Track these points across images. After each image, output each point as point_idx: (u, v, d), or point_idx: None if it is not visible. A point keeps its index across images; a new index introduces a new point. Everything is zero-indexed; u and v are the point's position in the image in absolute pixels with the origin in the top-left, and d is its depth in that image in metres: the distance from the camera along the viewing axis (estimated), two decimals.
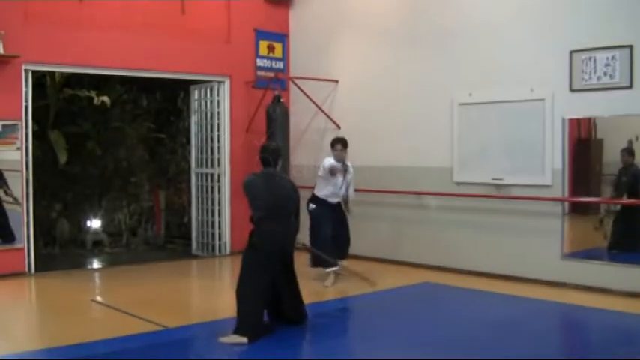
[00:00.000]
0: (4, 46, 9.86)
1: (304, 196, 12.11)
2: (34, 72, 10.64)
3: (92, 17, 10.96)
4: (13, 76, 10.18)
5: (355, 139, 11.74)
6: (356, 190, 10.35)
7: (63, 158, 12.11)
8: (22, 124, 10.28)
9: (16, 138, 10.26)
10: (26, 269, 10.40)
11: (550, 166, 9.40)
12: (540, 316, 8.00)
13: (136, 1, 11.40)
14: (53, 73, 11.93)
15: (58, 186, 13.35)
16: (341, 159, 9.76)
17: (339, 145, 9.75)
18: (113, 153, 14.09)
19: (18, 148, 10.28)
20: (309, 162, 12.49)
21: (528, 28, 9.66)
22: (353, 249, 11.60)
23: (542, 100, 9.44)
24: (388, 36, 11.51)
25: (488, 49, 10.09)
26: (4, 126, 10.16)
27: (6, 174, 10.25)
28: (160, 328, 7.29)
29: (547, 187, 9.42)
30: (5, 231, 10.31)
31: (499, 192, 9.91)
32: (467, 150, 10.34)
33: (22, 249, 10.36)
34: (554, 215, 9.39)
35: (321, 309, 8.26)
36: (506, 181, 9.82)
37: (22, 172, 10.32)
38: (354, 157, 11.75)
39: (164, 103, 14.63)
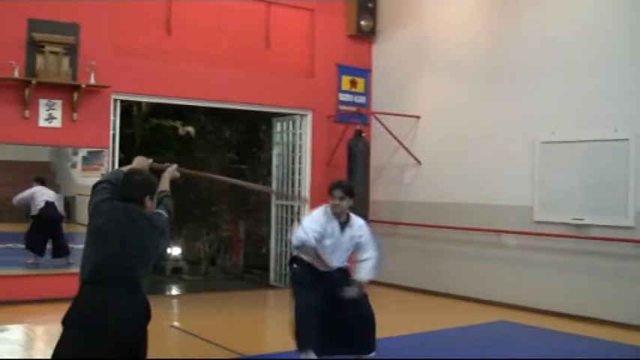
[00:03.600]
0: (94, 77, 10.34)
1: (380, 230, 12.28)
2: (121, 102, 11.14)
3: (179, 50, 11.45)
4: (102, 106, 10.70)
5: (436, 175, 11.95)
6: (432, 227, 10.31)
7: None
8: (109, 152, 10.74)
9: (101, 164, 10.73)
10: None
11: (633, 207, 9.37)
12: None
13: (222, 35, 11.80)
14: (140, 103, 12.41)
15: None
16: (339, 212, 6.84)
17: (339, 191, 6.80)
18: (194, 182, 14.49)
19: (102, 174, 10.71)
20: (388, 197, 12.71)
21: (612, 66, 9.70)
22: (429, 284, 11.69)
23: (627, 140, 9.45)
24: (470, 73, 11.68)
25: (571, 87, 10.15)
26: (89, 152, 10.63)
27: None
28: (236, 356, 7.54)
29: (630, 228, 9.38)
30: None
31: (579, 232, 9.90)
32: (548, 189, 10.36)
33: None
34: (637, 257, 9.34)
35: (394, 344, 8.31)
36: (586, 222, 9.80)
37: None
38: (434, 192, 11.89)
39: (246, 135, 15.00)
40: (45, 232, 11.29)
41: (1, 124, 9.96)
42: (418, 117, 12.40)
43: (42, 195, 11.27)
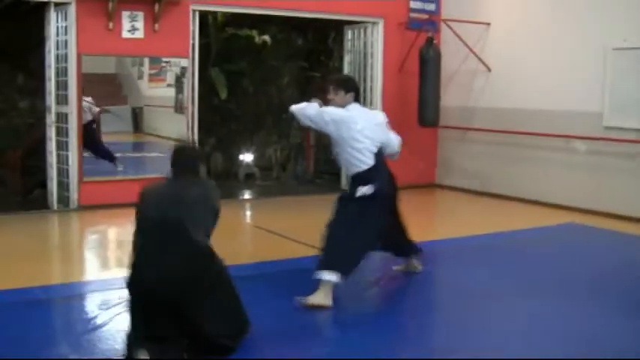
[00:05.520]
0: None
1: (451, 135, 12.74)
2: (199, 12, 11.60)
3: None
4: (182, 16, 11.22)
5: (505, 81, 12.26)
6: (502, 132, 10.60)
7: (223, 94, 13.15)
8: (189, 62, 11.31)
9: (164, 79, 11.28)
10: None
11: None
12: None
13: None
14: (215, 13, 12.89)
15: (212, 121, 14.30)
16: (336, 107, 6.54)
17: (331, 84, 6.68)
18: (266, 91, 15.00)
19: (169, 85, 11.25)
20: (459, 103, 13.12)
21: None
22: (499, 188, 12.12)
23: None
24: None
25: None
26: (156, 65, 11.19)
27: (159, 110, 11.27)
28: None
29: None
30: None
31: None
32: (618, 95, 10.60)
33: None
34: None
35: (461, 243, 8.93)
36: None
37: (188, 107, 11.39)
38: (504, 99, 12.21)
39: (315, 44, 15.36)
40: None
41: (87, 36, 10.55)
42: (488, 24, 12.66)
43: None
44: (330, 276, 6.19)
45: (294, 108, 6.62)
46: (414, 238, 7.28)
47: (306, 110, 6.48)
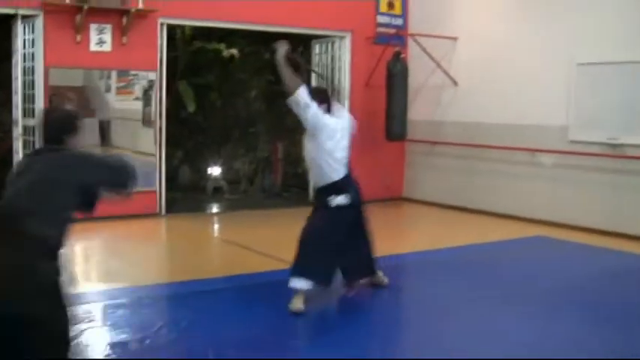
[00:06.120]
0: (143, 1, 10.80)
1: (418, 149, 12.81)
2: (167, 25, 11.55)
3: None
4: (150, 30, 11.18)
5: (472, 95, 12.36)
6: (469, 146, 10.63)
7: (191, 107, 13.14)
8: (157, 75, 11.29)
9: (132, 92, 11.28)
10: (158, 210, 11.46)
11: None
12: None
13: None
14: (184, 26, 12.89)
15: (180, 135, 14.27)
16: None
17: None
18: (233, 104, 15.00)
19: (136, 98, 11.22)
20: (426, 117, 13.19)
21: None
22: (466, 202, 12.19)
23: None
24: None
25: (609, 8, 10.43)
26: (124, 78, 11.15)
27: (126, 123, 11.24)
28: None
29: None
30: None
31: (614, 151, 10.32)
32: (584, 109, 10.71)
33: (155, 192, 11.41)
34: None
35: (428, 257, 8.99)
36: (622, 141, 10.19)
37: (156, 121, 11.36)
38: (470, 112, 12.31)
39: None
40: None
41: (55, 49, 10.45)
42: (456, 38, 12.76)
43: None
44: (300, 283, 6.39)
45: (297, 98, 6.46)
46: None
47: (308, 108, 6.44)
